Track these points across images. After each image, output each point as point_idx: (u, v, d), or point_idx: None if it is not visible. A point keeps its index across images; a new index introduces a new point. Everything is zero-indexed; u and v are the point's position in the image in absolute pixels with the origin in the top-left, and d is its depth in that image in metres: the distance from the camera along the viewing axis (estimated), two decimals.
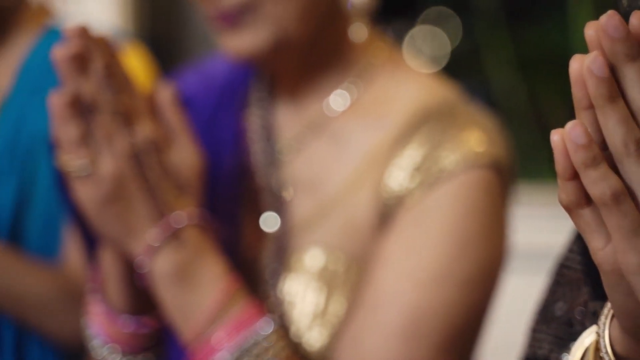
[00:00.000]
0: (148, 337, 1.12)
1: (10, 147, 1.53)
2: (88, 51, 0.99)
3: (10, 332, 1.51)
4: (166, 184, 1.02)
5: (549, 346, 0.81)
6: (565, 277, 0.82)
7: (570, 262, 0.82)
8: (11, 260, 1.48)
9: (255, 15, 1.06)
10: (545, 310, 0.83)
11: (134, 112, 1.01)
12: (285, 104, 1.18)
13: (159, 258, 1.02)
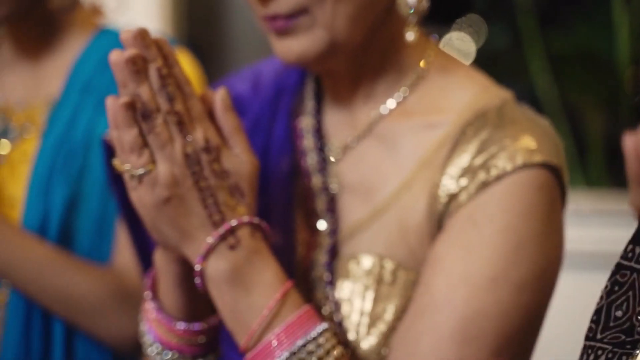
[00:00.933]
0: (204, 343, 1.12)
1: (62, 147, 1.54)
2: (145, 54, 0.99)
3: (61, 329, 1.52)
4: (221, 188, 1.02)
5: (607, 352, 0.81)
6: (625, 280, 0.81)
7: (631, 263, 0.81)
8: (61, 261, 1.50)
9: (308, 19, 1.07)
10: (604, 314, 0.82)
11: (191, 116, 1.02)
12: (336, 106, 1.18)
13: (214, 261, 1.02)
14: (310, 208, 1.16)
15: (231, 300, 1.02)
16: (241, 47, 2.93)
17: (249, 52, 2.93)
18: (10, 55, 1.64)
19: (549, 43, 2.94)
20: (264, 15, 1.08)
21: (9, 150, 1.59)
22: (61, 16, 1.60)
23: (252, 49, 2.93)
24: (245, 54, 2.93)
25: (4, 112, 1.61)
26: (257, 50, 2.91)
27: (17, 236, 1.49)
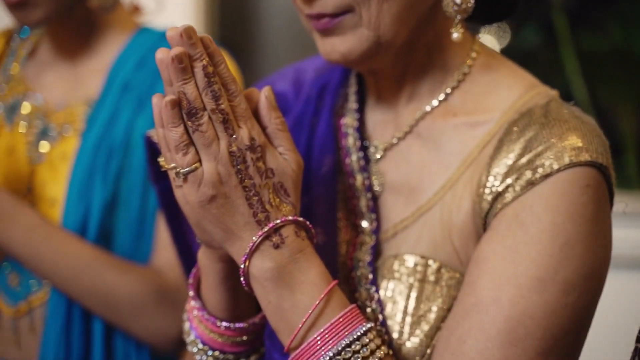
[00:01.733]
0: (246, 343, 1.12)
1: (101, 146, 1.55)
2: (191, 52, 0.99)
3: (100, 327, 1.53)
4: (266, 186, 1.02)
5: None
6: None
7: None
8: (102, 260, 1.50)
9: (354, 17, 1.06)
10: None
11: (236, 114, 1.01)
12: (379, 105, 1.18)
13: (258, 260, 1.01)
14: (353, 207, 1.16)
15: (275, 299, 1.02)
16: (272, 48, 2.93)
17: (280, 53, 2.93)
18: (50, 56, 1.65)
19: (582, 42, 2.92)
20: (309, 14, 1.08)
21: (49, 150, 1.60)
22: (101, 16, 1.61)
23: (283, 49, 2.93)
24: (277, 54, 2.93)
25: (43, 112, 1.62)
26: (288, 51, 2.91)
27: (58, 236, 1.50)
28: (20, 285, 1.58)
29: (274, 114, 1.04)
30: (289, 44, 2.95)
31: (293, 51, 2.92)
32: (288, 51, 2.93)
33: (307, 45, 2.87)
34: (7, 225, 1.48)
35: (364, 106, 1.20)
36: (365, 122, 1.19)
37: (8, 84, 1.67)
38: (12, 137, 1.63)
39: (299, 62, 1.31)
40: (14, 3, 1.50)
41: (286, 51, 2.93)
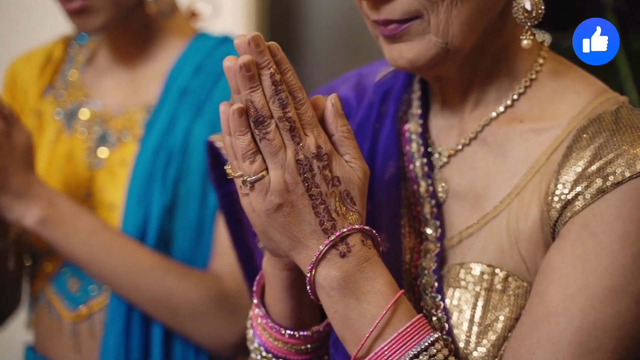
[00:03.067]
0: (310, 352, 1.12)
1: (159, 151, 1.55)
2: (259, 60, 0.99)
3: (159, 332, 1.53)
4: (332, 195, 1.01)
5: None
6: None
7: None
8: (161, 266, 1.51)
9: (422, 24, 1.05)
10: None
11: (303, 122, 1.01)
12: (444, 111, 1.16)
13: (324, 269, 1.01)
14: (416, 213, 1.14)
15: (342, 308, 1.01)
16: (320, 51, 2.93)
17: (328, 56, 2.93)
18: (108, 62, 1.66)
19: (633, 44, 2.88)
20: (376, 20, 1.07)
21: (108, 156, 1.61)
22: (159, 22, 1.61)
23: (331, 52, 2.92)
24: (325, 57, 2.93)
25: (102, 118, 1.63)
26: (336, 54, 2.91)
27: (118, 241, 1.51)
28: (80, 290, 1.59)
29: (341, 122, 1.03)
30: (336, 46, 2.94)
31: (341, 54, 2.92)
32: (336, 54, 2.93)
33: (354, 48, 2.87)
34: (68, 230, 1.49)
35: (427, 112, 1.19)
36: (428, 128, 1.18)
37: (67, 90, 1.68)
38: (71, 143, 1.64)
39: (361, 67, 1.30)
40: (73, 10, 1.52)
41: (334, 54, 2.93)
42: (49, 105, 1.68)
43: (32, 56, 1.74)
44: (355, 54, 2.89)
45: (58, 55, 1.72)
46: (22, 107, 1.69)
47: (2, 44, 2.20)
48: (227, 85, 1.55)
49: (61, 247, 1.50)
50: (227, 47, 1.62)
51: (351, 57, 2.90)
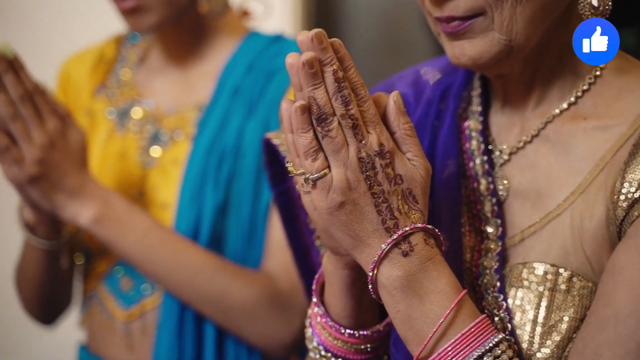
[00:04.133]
0: (370, 351, 1.11)
1: (212, 151, 1.55)
2: (322, 57, 0.98)
3: (212, 331, 1.53)
4: (395, 193, 1.00)
5: None
6: None
7: None
8: (214, 265, 1.50)
9: (485, 21, 1.04)
10: None
11: (365, 120, 1.00)
12: (505, 109, 1.15)
13: (387, 268, 0.99)
14: (477, 212, 1.13)
15: (404, 308, 1.00)
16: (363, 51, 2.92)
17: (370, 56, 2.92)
18: (161, 61, 1.66)
19: None
20: (438, 16, 1.06)
21: (160, 155, 1.61)
22: (211, 21, 1.61)
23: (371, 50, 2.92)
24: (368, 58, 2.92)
25: (154, 117, 1.63)
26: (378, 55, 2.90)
27: (172, 240, 1.50)
28: (132, 289, 1.59)
29: (403, 119, 1.02)
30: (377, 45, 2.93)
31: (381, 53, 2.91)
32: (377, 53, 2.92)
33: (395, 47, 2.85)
34: (122, 229, 1.49)
35: (487, 109, 1.17)
36: (489, 125, 1.16)
37: (119, 89, 1.68)
38: (123, 141, 1.64)
39: (419, 64, 1.29)
40: (127, 9, 1.52)
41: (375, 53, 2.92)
42: (101, 104, 1.69)
43: (84, 55, 1.74)
44: (396, 53, 2.88)
45: (110, 55, 1.72)
46: (75, 106, 1.70)
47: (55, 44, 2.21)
48: (279, 84, 1.56)
49: (115, 245, 1.50)
50: (279, 46, 1.62)
51: (392, 56, 2.89)
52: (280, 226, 1.43)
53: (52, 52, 1.94)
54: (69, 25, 2.57)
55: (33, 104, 1.45)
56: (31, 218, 1.55)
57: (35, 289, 1.66)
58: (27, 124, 1.45)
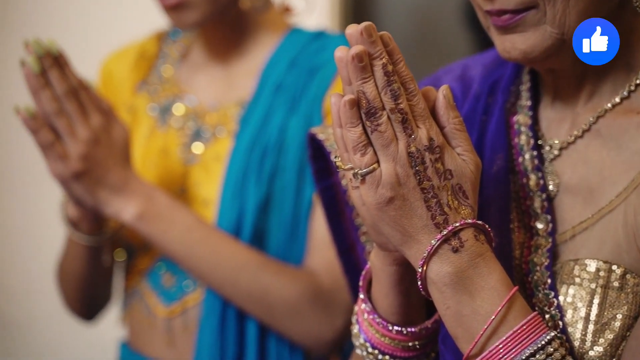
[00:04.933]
0: (418, 348, 1.09)
1: (255, 147, 1.54)
2: (371, 51, 0.97)
3: (254, 329, 1.53)
4: (444, 188, 0.99)
5: None
6: None
7: None
8: (257, 262, 1.49)
9: (537, 14, 1.02)
10: None
11: (415, 114, 0.99)
12: (555, 103, 1.13)
13: (436, 264, 0.98)
14: (526, 208, 1.11)
15: (454, 305, 0.98)
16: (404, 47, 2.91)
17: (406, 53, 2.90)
18: (202, 57, 1.66)
19: None
20: (489, 10, 1.04)
21: (202, 151, 1.61)
22: (253, 17, 1.60)
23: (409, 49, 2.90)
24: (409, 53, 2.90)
25: (196, 114, 1.63)
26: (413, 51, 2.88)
27: (214, 237, 1.50)
28: (174, 286, 1.59)
29: (452, 114, 1.01)
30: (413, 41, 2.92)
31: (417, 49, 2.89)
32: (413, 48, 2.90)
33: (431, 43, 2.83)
34: (165, 225, 1.49)
35: (537, 104, 1.15)
36: (538, 120, 1.15)
37: (161, 85, 1.68)
38: (165, 138, 1.64)
39: (465, 58, 1.27)
40: (170, 5, 1.52)
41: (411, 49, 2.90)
42: (142, 100, 1.69)
43: (125, 52, 1.74)
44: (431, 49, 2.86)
45: (151, 51, 1.72)
46: (117, 103, 1.70)
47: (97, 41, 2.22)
48: (321, 80, 1.55)
49: (158, 242, 1.50)
50: (321, 42, 1.61)
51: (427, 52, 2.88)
52: (324, 222, 1.42)
53: (94, 48, 1.95)
54: (111, 22, 2.58)
55: (77, 100, 1.46)
56: (74, 214, 1.55)
57: (77, 285, 1.67)
58: (71, 120, 1.45)
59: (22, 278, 2.75)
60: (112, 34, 2.05)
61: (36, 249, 2.70)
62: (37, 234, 2.70)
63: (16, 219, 2.74)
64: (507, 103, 1.17)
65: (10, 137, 2.68)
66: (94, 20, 2.61)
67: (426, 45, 2.89)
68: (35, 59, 1.43)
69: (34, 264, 2.71)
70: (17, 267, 2.75)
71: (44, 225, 2.62)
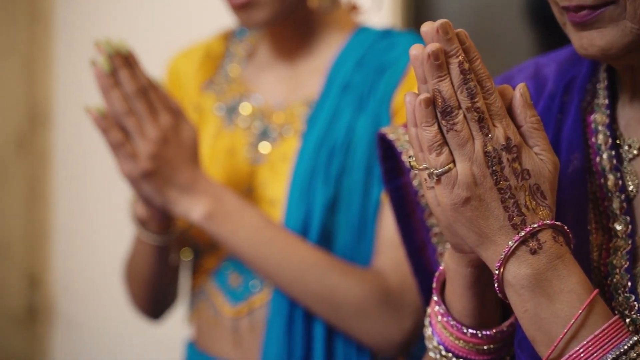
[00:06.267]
0: (493, 352, 1.08)
1: (322, 147, 1.53)
2: (447, 49, 0.95)
3: (321, 330, 1.52)
4: (522, 189, 0.97)
5: None
6: None
7: None
8: (325, 262, 1.48)
9: (616, 10, 0.99)
10: None
11: (491, 113, 0.97)
12: (634, 102, 1.10)
13: (514, 266, 0.96)
14: (604, 209, 1.08)
15: (532, 307, 0.96)
16: None
17: None
18: (269, 57, 1.65)
19: None
20: (566, 6, 1.02)
21: (269, 151, 1.60)
22: (321, 16, 1.59)
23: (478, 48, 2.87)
24: None
25: (263, 113, 1.63)
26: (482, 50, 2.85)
27: (282, 237, 1.49)
28: (241, 286, 1.58)
29: (530, 112, 0.99)
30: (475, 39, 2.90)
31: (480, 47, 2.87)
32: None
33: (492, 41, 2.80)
34: (234, 225, 1.49)
35: (614, 102, 1.13)
36: (616, 118, 1.12)
37: (228, 85, 1.68)
38: (232, 138, 1.64)
39: (537, 56, 1.24)
40: (239, 4, 1.51)
41: None
42: (209, 100, 1.69)
43: (191, 52, 1.75)
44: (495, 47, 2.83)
45: (218, 51, 1.72)
46: (184, 102, 1.70)
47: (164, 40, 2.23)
48: (389, 79, 1.53)
49: (226, 242, 1.50)
50: (389, 41, 1.59)
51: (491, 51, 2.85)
52: (391, 222, 1.40)
53: (161, 48, 1.96)
54: (178, 21, 2.59)
55: (147, 100, 1.46)
56: (143, 213, 1.56)
57: (144, 285, 1.67)
58: (141, 120, 1.46)
59: (87, 278, 2.78)
60: (179, 33, 2.06)
61: (101, 249, 2.72)
62: (102, 234, 2.73)
63: (82, 219, 2.78)
64: (583, 102, 1.14)
65: (80, 137, 2.71)
66: (161, 20, 2.63)
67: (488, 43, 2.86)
68: (106, 58, 1.44)
69: (99, 264, 2.74)
70: (83, 267, 2.78)
71: (110, 225, 2.65)
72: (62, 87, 2.72)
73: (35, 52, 2.71)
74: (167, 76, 1.75)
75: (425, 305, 1.23)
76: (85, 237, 2.77)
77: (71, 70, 2.70)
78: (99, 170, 2.66)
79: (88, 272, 2.77)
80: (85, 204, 2.76)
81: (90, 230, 2.76)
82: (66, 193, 2.77)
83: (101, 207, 2.73)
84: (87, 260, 2.77)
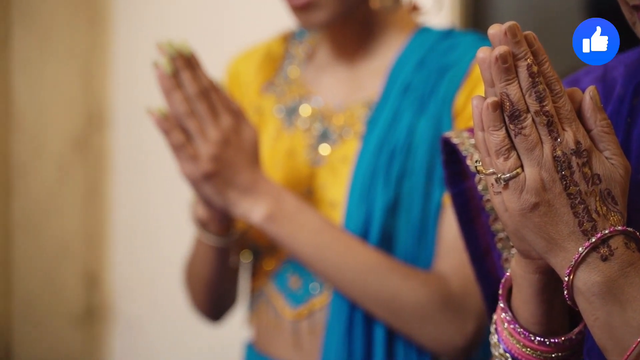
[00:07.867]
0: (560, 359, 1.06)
1: (382, 149, 1.52)
2: (515, 51, 0.93)
3: (382, 332, 1.50)
4: (592, 194, 0.95)
5: None
6: None
7: None
8: (386, 265, 1.47)
9: None
10: None
11: (561, 116, 0.95)
12: None
13: (584, 273, 0.94)
14: None
15: (604, 315, 0.94)
16: None
17: None
18: (329, 58, 1.64)
19: None
20: (637, 4, 0.99)
21: (329, 153, 1.59)
22: (381, 16, 1.58)
23: None
24: None
25: (323, 115, 1.62)
26: None
27: (343, 239, 1.48)
28: (301, 288, 1.58)
29: (600, 116, 0.97)
30: None
31: None
32: None
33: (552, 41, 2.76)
34: (294, 227, 1.48)
35: None
36: None
37: (288, 86, 1.67)
38: (291, 139, 1.64)
39: None
40: (299, 6, 1.51)
41: None
42: (268, 101, 1.68)
43: (251, 53, 1.74)
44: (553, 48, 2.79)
45: (277, 52, 1.72)
46: (244, 104, 1.70)
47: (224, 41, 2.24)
48: (451, 80, 1.51)
49: (286, 243, 1.49)
50: (451, 41, 1.57)
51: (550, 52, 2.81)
52: (453, 225, 1.38)
53: (221, 49, 1.96)
54: (238, 23, 2.60)
55: (208, 101, 1.46)
56: (204, 215, 1.56)
57: (205, 286, 1.68)
58: (202, 121, 1.46)
59: (146, 279, 2.80)
60: (239, 35, 2.06)
61: (160, 250, 2.74)
62: (161, 235, 2.75)
63: (141, 220, 2.79)
64: None
65: (138, 138, 2.73)
66: (221, 21, 2.63)
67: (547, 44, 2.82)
68: (168, 60, 1.44)
69: (158, 265, 2.75)
70: (141, 268, 2.80)
71: (169, 226, 2.66)
72: (120, 89, 2.74)
73: (94, 54, 2.74)
74: (227, 78, 1.75)
75: (488, 311, 1.21)
76: (145, 238, 2.79)
77: (129, 72, 2.72)
78: (157, 171, 2.68)
79: (147, 273, 2.79)
80: (143, 205, 2.78)
81: (149, 230, 2.78)
82: (124, 194, 2.79)
83: (160, 208, 2.75)
84: (146, 260, 2.79)
